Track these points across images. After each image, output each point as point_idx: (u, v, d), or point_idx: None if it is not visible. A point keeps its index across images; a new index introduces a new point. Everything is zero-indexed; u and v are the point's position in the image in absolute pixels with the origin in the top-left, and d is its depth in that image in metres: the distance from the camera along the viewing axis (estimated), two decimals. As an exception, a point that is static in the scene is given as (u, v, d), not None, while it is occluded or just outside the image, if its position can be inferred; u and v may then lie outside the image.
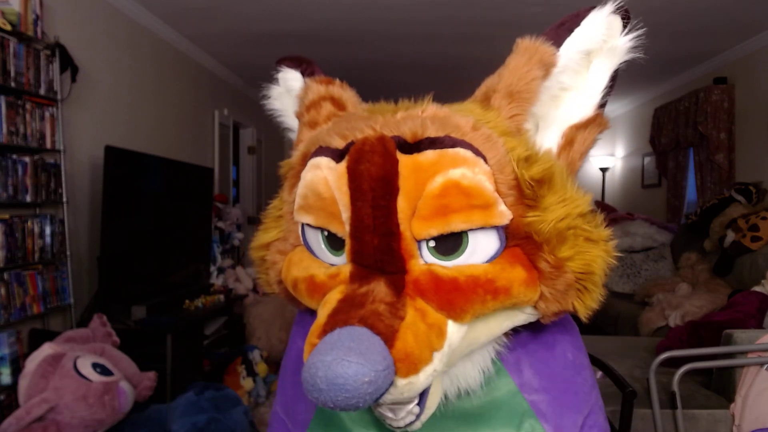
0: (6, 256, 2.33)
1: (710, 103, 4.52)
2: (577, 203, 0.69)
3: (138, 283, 3.10)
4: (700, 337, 2.60)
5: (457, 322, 0.65)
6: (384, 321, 0.60)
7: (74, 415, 1.89)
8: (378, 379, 0.56)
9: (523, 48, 0.72)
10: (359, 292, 0.64)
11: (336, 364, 0.55)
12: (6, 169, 2.35)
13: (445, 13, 3.71)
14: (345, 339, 0.58)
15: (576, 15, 0.72)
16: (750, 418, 1.93)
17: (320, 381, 0.55)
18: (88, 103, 3.12)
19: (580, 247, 0.68)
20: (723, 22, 3.81)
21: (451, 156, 0.64)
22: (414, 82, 5.38)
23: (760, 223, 3.48)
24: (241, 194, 6.20)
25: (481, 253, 0.66)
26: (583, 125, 0.75)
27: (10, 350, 2.30)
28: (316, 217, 0.70)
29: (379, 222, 0.64)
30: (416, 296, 0.64)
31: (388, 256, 0.65)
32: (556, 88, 0.73)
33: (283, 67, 0.93)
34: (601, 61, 0.74)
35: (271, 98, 0.97)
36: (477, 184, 0.64)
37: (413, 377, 0.60)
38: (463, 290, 0.64)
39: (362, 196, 0.64)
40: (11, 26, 2.35)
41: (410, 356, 0.60)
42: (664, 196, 5.53)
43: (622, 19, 0.73)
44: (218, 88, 5.20)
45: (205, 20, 3.88)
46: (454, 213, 0.63)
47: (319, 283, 0.70)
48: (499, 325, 0.70)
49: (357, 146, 0.66)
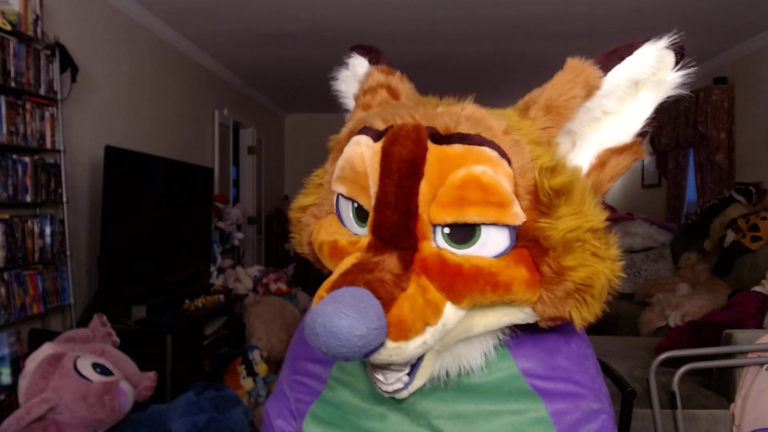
0: (6, 256, 2.33)
1: (710, 103, 4.52)
2: (589, 218, 0.72)
3: (138, 283, 3.10)
4: (700, 337, 2.60)
5: (454, 305, 0.69)
6: (386, 288, 0.66)
7: (74, 415, 1.89)
8: (368, 336, 0.61)
9: (570, 67, 0.76)
10: (372, 260, 0.70)
11: (334, 314, 0.61)
12: (6, 169, 2.35)
13: (446, 13, 3.71)
14: (347, 296, 0.63)
15: (630, 45, 0.76)
16: (750, 418, 1.93)
17: (318, 326, 0.61)
18: (88, 103, 3.12)
19: (584, 260, 0.71)
20: (723, 22, 3.81)
21: (477, 153, 0.69)
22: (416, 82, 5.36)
23: (760, 223, 3.48)
24: (241, 194, 6.20)
25: (491, 248, 0.70)
26: (619, 150, 0.78)
27: (10, 350, 2.30)
28: (348, 188, 0.76)
29: (400, 200, 0.69)
30: (421, 274, 0.69)
31: (403, 232, 0.70)
32: (598, 110, 0.76)
33: (354, 54, 1.00)
34: (647, 93, 0.77)
35: (339, 80, 1.02)
36: (496, 182, 0.68)
37: (402, 342, 0.65)
38: (464, 276, 0.68)
39: (390, 175, 0.70)
40: (11, 26, 2.35)
41: (403, 323, 0.65)
42: (664, 196, 5.53)
43: (676, 54, 0.76)
44: (218, 88, 5.20)
45: (205, 20, 3.88)
46: (470, 205, 0.68)
47: (340, 248, 0.76)
48: (498, 319, 0.74)
49: (394, 130, 0.72)
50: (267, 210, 6.77)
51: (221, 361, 3.32)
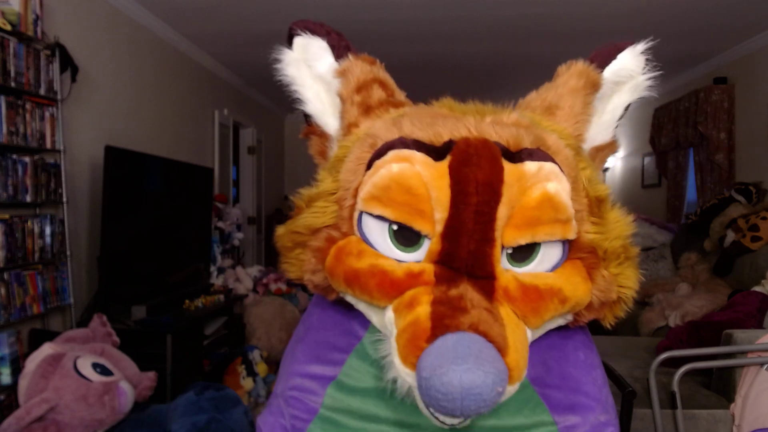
0: (6, 256, 2.33)
1: (710, 103, 4.52)
2: (627, 223, 0.74)
3: (138, 283, 3.10)
4: (700, 337, 2.59)
5: (530, 329, 0.68)
6: (495, 329, 0.61)
7: (74, 415, 1.89)
8: (505, 389, 0.58)
9: (578, 71, 0.77)
10: (451, 294, 0.63)
11: (471, 373, 0.54)
12: (6, 169, 2.35)
13: (446, 13, 3.71)
14: (465, 346, 0.57)
15: (617, 47, 0.77)
16: (750, 418, 1.93)
17: (455, 391, 0.54)
18: (88, 103, 3.12)
19: (624, 265, 0.73)
20: (723, 22, 3.81)
21: (548, 170, 0.67)
22: (416, 82, 5.36)
23: (760, 223, 3.48)
24: (241, 194, 6.20)
25: (547, 263, 0.69)
26: (602, 148, 0.81)
27: (10, 350, 2.30)
28: (395, 211, 0.67)
29: (479, 227, 0.64)
30: (504, 301, 0.65)
31: (481, 261, 0.65)
32: (591, 110, 0.79)
33: (304, 31, 0.85)
34: (624, 94, 0.80)
35: (284, 63, 0.87)
36: (564, 200, 0.67)
37: (518, 383, 0.62)
38: (544, 298, 0.66)
39: (465, 200, 0.64)
40: (11, 26, 2.35)
41: (519, 365, 0.61)
42: (664, 196, 5.53)
43: (646, 59, 0.79)
44: (218, 88, 5.20)
45: (205, 20, 3.88)
46: (542, 225, 0.66)
47: (396, 280, 0.67)
48: (545, 329, 0.74)
49: (461, 147, 0.65)
50: (267, 210, 6.77)
51: (221, 361, 3.32)
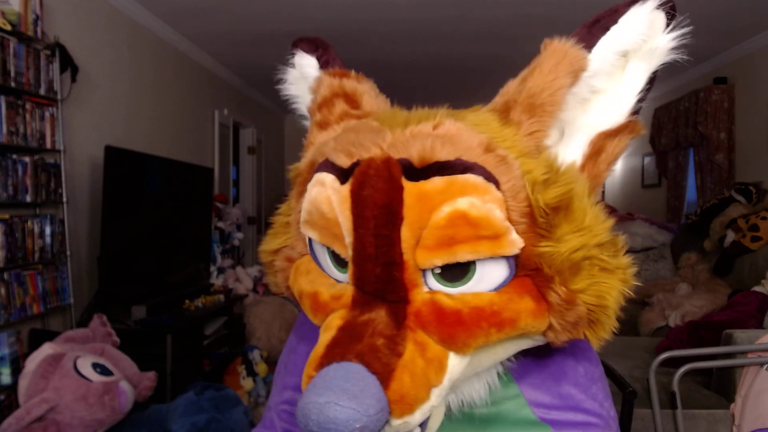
0: (6, 256, 2.33)
1: (710, 103, 4.52)
2: (595, 232, 0.63)
3: (138, 283, 3.10)
4: (700, 337, 2.60)
5: (458, 354, 0.62)
6: (381, 359, 0.58)
7: (74, 415, 1.89)
8: (370, 424, 0.55)
9: (551, 51, 0.66)
10: (360, 320, 0.62)
11: (328, 407, 0.54)
12: (6, 169, 2.35)
13: (446, 13, 3.71)
14: (339, 378, 0.56)
15: (614, 11, 0.65)
16: (750, 418, 1.93)
17: (312, 423, 0.55)
18: (88, 103, 3.12)
19: (594, 278, 0.63)
20: (723, 22, 3.81)
21: (461, 183, 0.60)
22: (416, 82, 5.38)
23: (760, 223, 3.48)
24: (241, 194, 6.20)
25: (489, 282, 0.62)
26: (614, 133, 0.68)
27: (10, 350, 2.30)
28: (320, 235, 0.67)
29: (381, 251, 0.61)
30: (417, 328, 0.62)
31: (389, 285, 0.62)
32: (586, 91, 0.66)
33: (299, 50, 0.86)
34: (638, 63, 0.67)
35: (287, 83, 0.89)
36: (486, 213, 0.59)
37: (408, 417, 0.59)
38: (466, 324, 0.61)
39: (364, 224, 0.61)
40: (11, 26, 2.35)
41: (405, 397, 0.58)
42: (664, 196, 5.53)
43: (666, 14, 0.65)
44: (218, 88, 5.20)
45: (205, 20, 3.88)
46: (459, 244, 0.60)
47: (322, 303, 0.68)
48: (505, 350, 0.68)
49: (362, 168, 0.62)
50: (267, 210, 6.77)
51: (221, 361, 3.32)
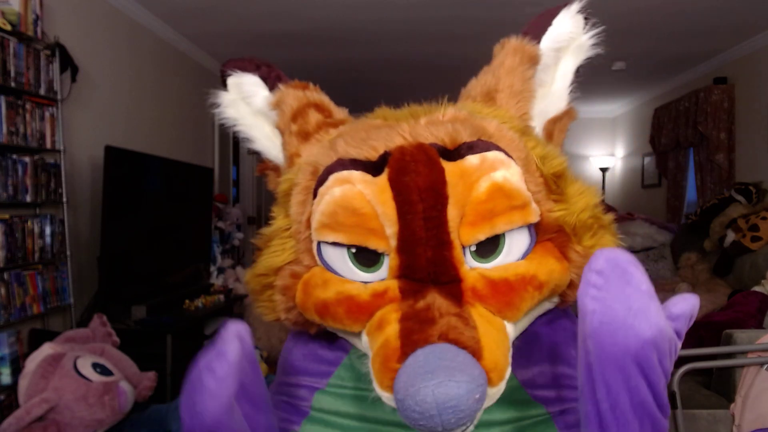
0: (6, 256, 2.33)
1: (710, 103, 4.51)
2: (592, 192, 0.72)
3: (138, 283, 3.09)
4: (700, 337, 2.59)
5: (511, 322, 0.66)
6: (465, 333, 0.59)
7: (74, 415, 1.89)
8: (483, 394, 0.55)
9: (512, 48, 0.76)
10: (418, 307, 0.62)
11: (444, 386, 0.53)
12: (6, 169, 2.35)
13: (447, 13, 3.71)
14: (435, 359, 0.55)
15: (550, 13, 0.77)
16: (750, 418, 1.92)
17: (430, 407, 0.53)
18: (88, 103, 3.12)
19: (598, 235, 0.71)
20: (723, 22, 3.81)
21: (491, 159, 0.65)
22: (416, 82, 5.38)
23: (760, 223, 3.48)
24: (241, 194, 6.19)
25: (516, 252, 0.67)
26: (558, 118, 0.79)
27: (10, 350, 2.30)
28: (347, 235, 0.66)
29: (431, 233, 0.62)
30: (475, 302, 0.63)
31: (442, 267, 0.63)
32: (536, 83, 0.77)
33: (233, 70, 0.86)
34: (568, 58, 0.79)
35: (223, 107, 0.88)
36: (516, 185, 0.65)
37: (501, 383, 0.60)
38: (516, 289, 0.64)
39: (411, 209, 0.62)
40: (11, 26, 2.35)
41: (498, 364, 0.59)
42: (664, 196, 5.53)
43: (584, 17, 0.78)
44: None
45: (205, 20, 3.88)
46: (498, 216, 0.64)
47: (363, 303, 0.66)
48: (529, 318, 0.72)
49: (396, 156, 0.64)
50: (267, 210, 6.76)
51: (221, 361, 3.31)
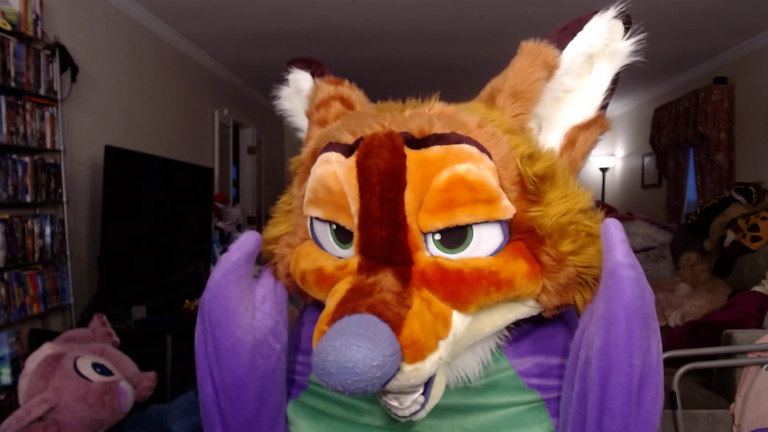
0: (6, 256, 2.33)
1: (710, 103, 4.52)
2: (578, 199, 0.71)
3: (138, 283, 3.10)
4: (700, 337, 2.60)
5: (461, 313, 0.67)
6: (391, 309, 0.62)
7: (74, 415, 1.89)
8: (386, 364, 0.58)
9: (527, 50, 0.75)
10: (367, 282, 0.66)
11: (345, 348, 0.57)
12: (6, 169, 2.35)
13: (447, 13, 3.71)
14: (353, 326, 0.59)
15: (579, 20, 0.76)
16: (750, 418, 1.93)
17: (330, 365, 0.57)
18: (88, 103, 3.12)
19: (581, 242, 0.70)
20: (723, 22, 3.81)
21: (457, 151, 0.66)
22: (416, 82, 5.38)
23: (760, 223, 3.48)
24: (241, 194, 6.19)
25: (485, 247, 0.68)
26: (585, 126, 0.77)
27: (10, 350, 2.30)
28: (325, 210, 0.72)
29: (386, 214, 0.66)
30: (422, 287, 0.66)
31: (395, 247, 0.67)
32: (559, 89, 0.75)
33: (293, 68, 0.95)
34: (602, 65, 0.77)
35: (281, 99, 0.99)
36: (481, 178, 0.66)
37: (420, 363, 0.62)
38: (467, 281, 0.66)
39: (370, 189, 0.67)
40: (11, 26, 2.35)
41: (417, 343, 0.62)
42: (664, 196, 5.53)
43: (624, 23, 0.76)
44: (218, 88, 5.20)
45: (205, 20, 3.88)
46: (459, 207, 0.65)
47: (328, 275, 0.72)
48: (503, 317, 0.72)
49: (366, 141, 0.69)
50: (267, 210, 6.76)
51: (221, 361, 3.31)
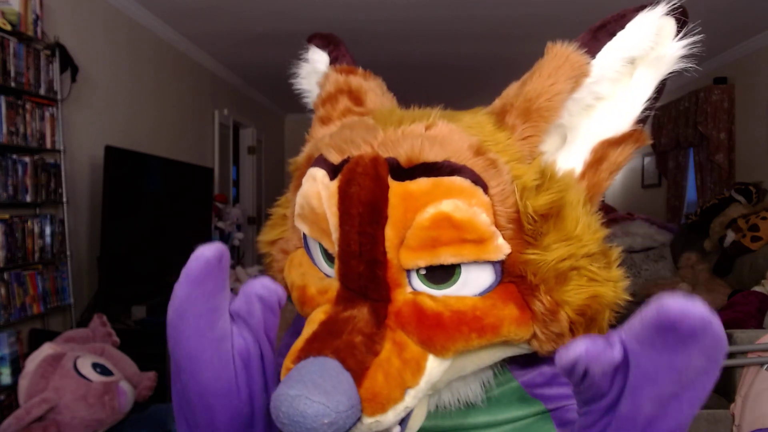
0: (6, 256, 2.33)
1: (710, 103, 4.52)
2: (584, 242, 0.62)
3: (138, 283, 3.10)
4: (700, 337, 2.59)
5: (438, 357, 0.62)
6: (356, 357, 0.59)
7: (74, 415, 1.89)
8: (339, 420, 0.55)
9: (552, 55, 0.64)
10: (341, 316, 0.63)
11: (298, 401, 0.54)
12: (6, 169, 2.35)
13: (446, 13, 3.71)
14: (314, 373, 0.57)
15: (621, 16, 0.64)
16: (750, 418, 1.92)
17: (282, 415, 0.55)
18: (88, 103, 3.12)
19: (580, 289, 0.62)
20: (723, 22, 3.81)
21: (446, 185, 0.60)
22: (416, 82, 5.38)
23: (760, 223, 3.48)
24: (241, 194, 6.20)
25: (473, 286, 0.62)
26: (617, 141, 0.66)
27: (10, 350, 2.30)
28: (310, 229, 0.69)
29: (365, 249, 0.61)
30: (397, 328, 0.62)
31: (372, 283, 0.62)
32: (590, 98, 0.65)
33: (312, 45, 0.87)
34: (646, 70, 0.65)
35: (299, 77, 0.90)
36: (470, 217, 0.59)
37: (380, 416, 0.58)
38: (445, 327, 0.61)
39: (350, 221, 0.62)
40: (11, 26, 2.35)
41: (377, 396, 0.58)
42: (664, 196, 5.53)
43: (677, 21, 0.63)
44: (218, 88, 5.20)
45: (205, 20, 3.88)
46: (443, 246, 0.60)
47: (309, 297, 0.69)
48: (491, 356, 0.67)
49: (350, 166, 0.63)
50: (267, 210, 6.78)
51: (221, 361, 3.32)
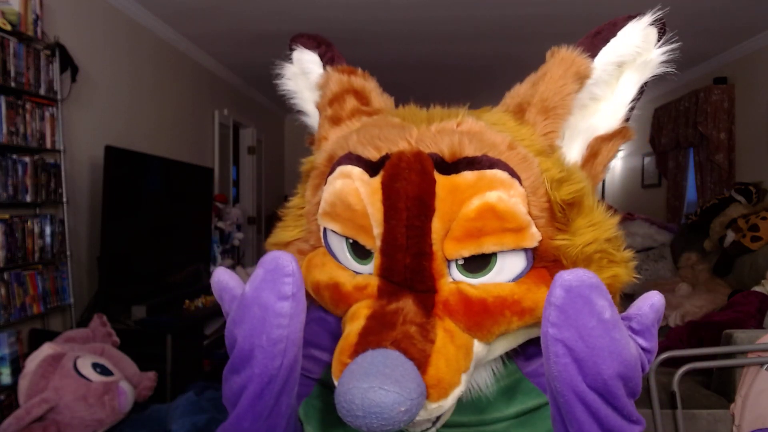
0: (6, 256, 2.33)
1: (710, 103, 4.52)
2: (605, 227, 0.69)
3: (138, 283, 3.10)
4: (700, 337, 2.60)
5: (482, 342, 0.65)
6: (416, 345, 0.60)
7: (74, 415, 1.89)
8: (413, 407, 0.57)
9: (559, 59, 0.71)
10: (388, 309, 0.64)
11: (372, 392, 0.55)
12: (6, 169, 2.35)
13: (446, 13, 3.71)
14: (379, 364, 0.57)
15: (613, 24, 0.71)
16: (750, 418, 1.93)
17: (356, 408, 0.55)
18: (88, 103, 3.12)
19: (603, 270, 0.67)
20: (723, 22, 3.81)
21: (489, 178, 0.63)
22: (416, 82, 5.38)
23: (760, 223, 3.48)
24: (241, 194, 6.20)
25: (508, 273, 0.66)
26: (609, 137, 0.74)
27: (10, 350, 2.30)
28: (343, 227, 0.69)
29: (412, 242, 0.63)
30: (445, 316, 0.64)
31: (418, 275, 0.64)
32: (587, 98, 0.72)
33: (298, 45, 0.88)
34: (631, 74, 0.73)
35: (285, 78, 0.92)
36: (512, 207, 0.63)
37: (443, 401, 0.61)
38: (491, 312, 0.64)
39: (396, 215, 0.63)
40: (11, 26, 2.35)
41: (442, 382, 0.60)
42: (664, 196, 5.53)
43: (658, 31, 0.72)
44: (218, 88, 5.20)
45: (205, 20, 3.88)
46: (487, 236, 0.63)
47: (345, 293, 0.69)
48: (516, 339, 0.71)
49: (393, 161, 0.65)
50: (267, 210, 6.77)
51: (221, 361, 3.32)
